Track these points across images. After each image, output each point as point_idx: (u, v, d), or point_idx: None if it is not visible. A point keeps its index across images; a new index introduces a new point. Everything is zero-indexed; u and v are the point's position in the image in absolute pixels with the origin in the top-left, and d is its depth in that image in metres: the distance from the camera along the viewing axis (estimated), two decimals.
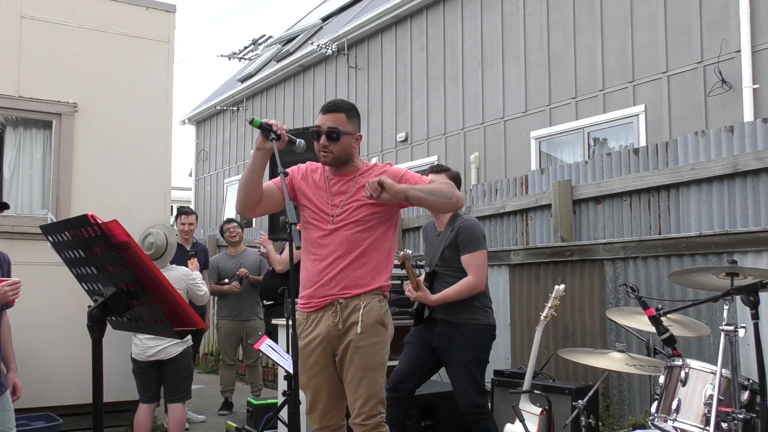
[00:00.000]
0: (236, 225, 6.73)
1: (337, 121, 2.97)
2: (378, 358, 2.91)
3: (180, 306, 1.90)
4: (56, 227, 1.99)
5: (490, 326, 3.97)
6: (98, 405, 1.98)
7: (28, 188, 5.63)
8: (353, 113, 3.05)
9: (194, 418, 6.09)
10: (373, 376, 2.89)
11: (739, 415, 2.66)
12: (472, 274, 3.88)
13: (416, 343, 4.06)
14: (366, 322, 2.89)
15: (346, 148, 2.99)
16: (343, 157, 3.00)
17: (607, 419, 4.70)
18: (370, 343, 2.89)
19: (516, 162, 8.50)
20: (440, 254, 4.01)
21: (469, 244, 3.90)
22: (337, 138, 2.94)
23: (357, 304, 2.91)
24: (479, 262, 3.90)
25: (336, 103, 3.07)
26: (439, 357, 3.99)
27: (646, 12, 7.25)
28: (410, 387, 3.99)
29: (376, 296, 2.96)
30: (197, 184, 16.77)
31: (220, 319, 6.77)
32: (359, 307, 2.90)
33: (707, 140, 4.53)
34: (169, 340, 4.48)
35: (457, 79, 9.49)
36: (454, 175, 4.10)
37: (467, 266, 3.90)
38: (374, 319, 2.91)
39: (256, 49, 17.16)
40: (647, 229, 4.84)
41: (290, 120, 12.75)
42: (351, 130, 3.00)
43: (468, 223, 3.98)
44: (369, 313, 2.90)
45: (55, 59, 5.49)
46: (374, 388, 2.89)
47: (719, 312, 3.84)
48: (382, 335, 2.95)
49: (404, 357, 4.06)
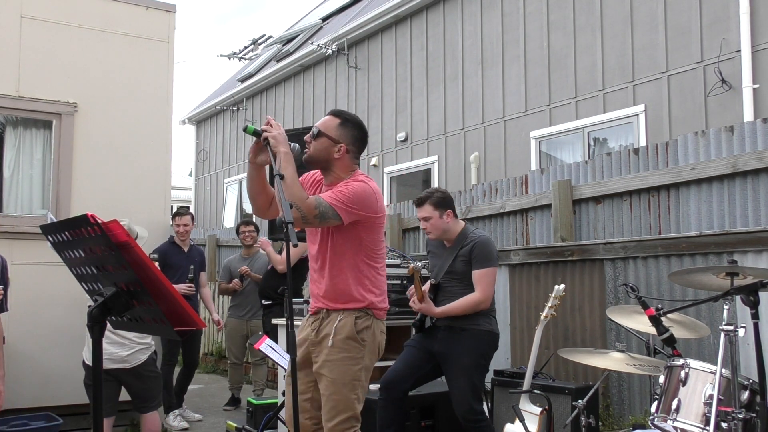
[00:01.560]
0: (252, 228, 6.77)
1: (328, 123, 2.98)
2: (349, 373, 2.87)
3: (180, 306, 1.90)
4: (56, 227, 1.99)
5: (492, 333, 3.95)
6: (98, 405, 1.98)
7: (28, 188, 5.63)
8: (349, 125, 3.00)
9: (191, 417, 6.10)
10: (342, 392, 2.86)
11: (739, 414, 2.66)
12: (480, 291, 3.87)
13: (416, 347, 4.04)
14: (338, 337, 2.87)
15: (322, 150, 2.94)
16: (317, 158, 2.96)
17: (607, 419, 4.70)
18: (339, 358, 2.87)
19: (516, 162, 8.50)
20: (449, 266, 3.99)
21: (482, 260, 3.89)
22: (315, 136, 2.94)
23: (334, 316, 2.92)
24: (489, 280, 3.90)
25: (340, 110, 3.08)
26: (439, 362, 3.97)
27: (646, 12, 7.24)
28: (403, 387, 3.95)
29: (356, 313, 2.91)
30: (197, 184, 16.77)
31: (228, 317, 6.92)
32: (335, 320, 2.90)
33: (707, 140, 4.53)
34: (134, 346, 4.35)
35: (457, 79, 9.49)
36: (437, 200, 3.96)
37: (477, 281, 3.89)
38: (347, 334, 2.88)
39: (256, 49, 17.16)
40: (647, 229, 4.83)
41: (290, 120, 12.75)
42: (334, 135, 2.95)
43: (483, 238, 3.96)
44: (342, 328, 2.88)
45: (55, 59, 5.49)
46: (343, 403, 2.86)
47: (719, 312, 3.84)
48: (355, 351, 2.89)
49: (401, 358, 4.04)
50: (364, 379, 2.93)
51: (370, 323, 2.94)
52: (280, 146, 2.75)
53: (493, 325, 3.98)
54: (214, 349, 9.45)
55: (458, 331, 3.89)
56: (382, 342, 3.03)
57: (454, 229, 4.02)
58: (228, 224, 14.39)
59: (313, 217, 2.77)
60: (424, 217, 4.00)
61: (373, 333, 2.95)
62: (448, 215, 3.98)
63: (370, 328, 2.94)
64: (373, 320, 2.96)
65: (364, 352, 2.91)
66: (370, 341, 2.93)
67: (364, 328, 2.91)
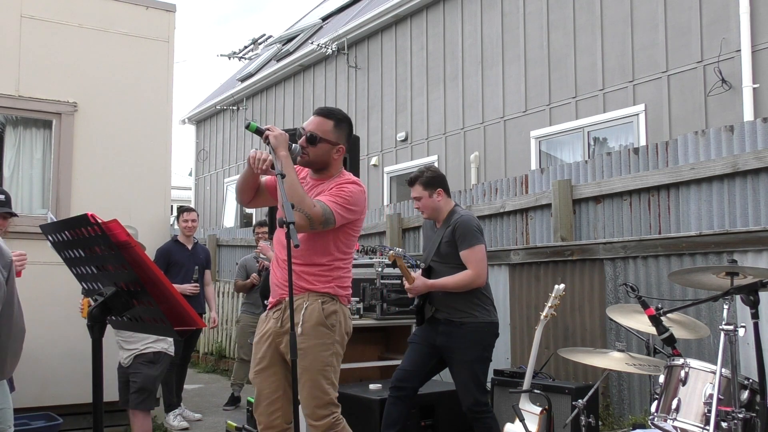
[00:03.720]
0: (267, 230, 6.80)
1: (322, 126, 2.99)
2: (320, 359, 2.88)
3: (180, 305, 1.90)
4: (56, 227, 1.99)
5: (491, 324, 3.96)
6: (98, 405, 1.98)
7: (28, 188, 5.63)
8: (343, 125, 3.05)
9: (191, 417, 6.10)
10: (315, 378, 2.87)
11: (739, 414, 2.66)
12: (472, 269, 3.87)
13: (419, 343, 4.06)
14: (307, 324, 2.87)
15: (322, 155, 3.01)
16: (318, 163, 3.03)
17: (607, 419, 4.70)
18: (310, 345, 2.87)
19: (516, 162, 8.50)
20: (436, 249, 4.00)
21: (466, 239, 3.88)
22: (314, 142, 2.97)
23: (299, 304, 2.90)
24: (479, 257, 3.89)
25: (329, 109, 3.09)
26: (442, 356, 3.99)
27: (646, 11, 7.24)
28: (414, 386, 3.99)
29: (321, 297, 2.93)
30: (197, 184, 16.77)
31: (242, 313, 6.97)
32: (301, 307, 2.89)
33: (707, 140, 4.53)
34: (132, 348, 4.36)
35: (457, 78, 9.49)
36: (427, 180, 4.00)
37: (467, 262, 3.89)
38: (315, 320, 2.89)
39: (256, 49, 17.16)
40: (647, 228, 4.84)
41: (290, 119, 12.75)
42: (333, 138, 3.00)
43: (464, 218, 3.95)
44: (311, 315, 2.89)
45: (55, 59, 5.49)
46: (318, 389, 2.87)
47: (719, 311, 3.84)
48: (325, 337, 2.91)
49: (407, 356, 4.07)
50: (336, 365, 2.95)
51: (337, 307, 2.96)
52: (280, 149, 2.80)
53: (492, 314, 3.98)
54: (214, 349, 9.45)
55: (458, 325, 3.90)
56: (349, 326, 3.06)
57: (445, 208, 4.04)
58: (228, 224, 14.40)
59: (319, 224, 2.84)
60: (416, 196, 4.06)
61: (341, 317, 2.97)
62: (438, 194, 4.01)
63: (338, 313, 2.96)
64: (339, 305, 2.98)
65: (334, 337, 2.93)
66: (339, 326, 2.96)
67: (332, 313, 2.93)
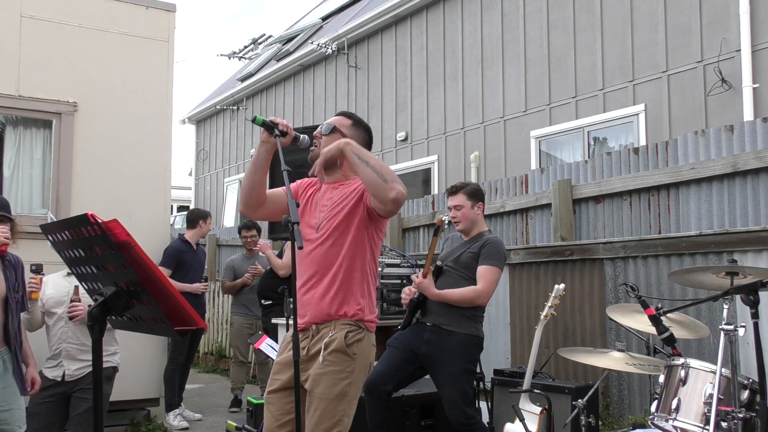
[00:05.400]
0: (254, 233, 6.77)
1: (340, 121, 2.95)
2: (337, 387, 2.70)
3: (180, 305, 1.90)
4: (56, 226, 1.99)
5: (478, 338, 3.96)
6: (98, 405, 1.98)
7: (28, 188, 5.63)
8: (361, 128, 2.97)
9: (191, 417, 6.10)
10: (328, 406, 2.69)
11: (739, 414, 2.66)
12: (482, 285, 3.88)
13: (399, 348, 4.00)
14: (328, 351, 2.72)
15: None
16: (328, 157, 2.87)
17: (607, 418, 4.70)
18: (326, 371, 2.71)
19: (516, 161, 8.50)
20: (457, 256, 4.02)
21: (491, 257, 3.91)
22: (329, 132, 2.89)
23: (325, 332, 2.75)
24: (493, 278, 3.92)
25: (348, 112, 3.07)
26: (423, 365, 3.95)
27: (646, 11, 7.24)
28: (386, 389, 3.90)
29: (348, 327, 2.75)
30: (197, 184, 16.77)
31: (234, 315, 6.91)
32: (325, 336, 2.74)
33: (707, 140, 4.53)
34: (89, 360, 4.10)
35: (457, 78, 9.49)
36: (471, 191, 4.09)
37: (480, 277, 3.89)
38: (335, 346, 2.72)
39: (256, 49, 17.16)
40: (647, 228, 4.84)
41: (290, 119, 12.75)
42: (348, 135, 2.91)
43: (497, 240, 4.05)
44: (332, 342, 2.72)
45: (55, 59, 5.49)
46: (331, 417, 2.68)
47: (719, 311, 3.84)
48: (345, 365, 2.73)
49: (384, 359, 4.00)
50: (352, 395, 2.76)
51: (362, 335, 2.79)
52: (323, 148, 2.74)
53: (480, 330, 3.99)
54: (214, 349, 9.45)
55: (446, 334, 3.88)
56: (372, 357, 2.88)
57: (480, 224, 4.10)
58: (228, 224, 14.39)
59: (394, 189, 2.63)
60: (456, 205, 4.06)
61: (365, 348, 2.80)
62: (479, 207, 4.09)
63: (362, 342, 2.79)
64: (366, 332, 2.81)
65: (353, 366, 2.75)
66: (361, 356, 2.77)
67: (355, 341, 2.76)
